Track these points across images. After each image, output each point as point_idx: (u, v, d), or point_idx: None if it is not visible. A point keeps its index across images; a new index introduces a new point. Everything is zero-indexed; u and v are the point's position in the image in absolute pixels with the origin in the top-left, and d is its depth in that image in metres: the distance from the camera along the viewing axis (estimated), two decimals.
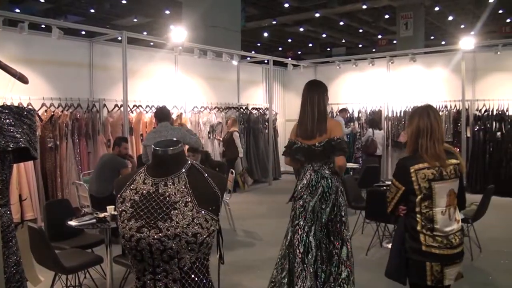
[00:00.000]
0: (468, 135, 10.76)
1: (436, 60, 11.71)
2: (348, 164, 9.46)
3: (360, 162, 11.14)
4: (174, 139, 1.99)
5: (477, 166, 10.49)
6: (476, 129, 10.60)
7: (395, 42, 22.40)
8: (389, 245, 6.17)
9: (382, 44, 24.93)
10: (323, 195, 3.86)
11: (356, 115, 12.43)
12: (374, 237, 6.13)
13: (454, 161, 3.04)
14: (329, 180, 3.89)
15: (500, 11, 22.49)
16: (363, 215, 6.39)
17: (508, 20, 23.36)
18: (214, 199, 1.87)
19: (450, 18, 23.49)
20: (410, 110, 10.83)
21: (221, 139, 10.95)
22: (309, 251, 3.81)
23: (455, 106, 10.95)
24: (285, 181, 12.48)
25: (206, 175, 1.92)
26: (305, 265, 3.79)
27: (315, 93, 4.08)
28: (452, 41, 10.92)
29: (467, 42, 10.38)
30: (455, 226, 3.01)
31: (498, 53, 10.38)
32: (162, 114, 6.14)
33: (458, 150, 10.24)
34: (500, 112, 10.36)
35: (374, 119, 11.65)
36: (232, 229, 7.21)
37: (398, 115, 11.79)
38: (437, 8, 21.54)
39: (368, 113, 12.25)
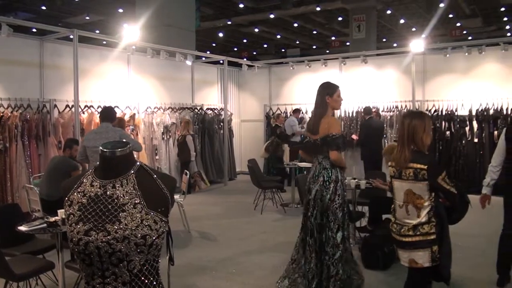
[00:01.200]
0: None
1: (388, 62, 12.03)
2: (302, 163, 9.62)
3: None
4: (124, 140, 1.97)
5: None
6: None
7: (348, 44, 22.80)
8: None
9: (336, 46, 25.33)
10: (323, 183, 4.29)
11: (310, 115, 12.56)
12: None
13: (418, 165, 3.21)
14: (330, 171, 4.31)
15: (450, 15, 23.28)
16: None
17: (458, 24, 24.19)
18: (163, 201, 1.86)
19: (402, 21, 24.13)
20: (361, 110, 11.03)
21: (171, 140, 10.82)
22: (313, 232, 4.30)
23: (406, 106, 11.25)
24: (241, 181, 12.51)
25: (155, 176, 1.91)
26: (310, 247, 4.31)
27: (319, 94, 4.53)
28: (404, 43, 11.26)
29: (417, 44, 10.72)
30: (413, 221, 3.23)
31: (447, 55, 10.77)
32: (105, 114, 6.09)
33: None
34: (449, 112, 10.75)
35: None
36: (187, 231, 7.17)
37: (351, 115, 12.01)
38: (389, 12, 22.07)
39: None
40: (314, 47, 31.53)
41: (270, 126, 12.69)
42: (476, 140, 10.44)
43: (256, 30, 25.24)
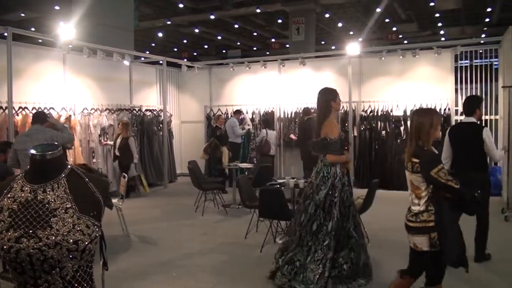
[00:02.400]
0: (355, 134, 11.44)
1: (325, 64, 12.31)
2: (242, 164, 9.68)
3: (255, 162, 11.36)
4: (55, 143, 1.91)
5: (363, 163, 11.21)
6: (362, 129, 11.31)
7: (288, 46, 23.10)
8: (283, 241, 6.38)
9: (276, 48, 25.61)
10: (322, 178, 4.69)
11: (250, 116, 12.63)
12: (268, 234, 6.28)
13: (414, 159, 3.49)
14: (329, 168, 4.71)
15: (387, 20, 24.07)
16: (257, 213, 6.51)
17: (394, 29, 25.05)
18: (95, 204, 1.82)
19: (340, 24, 24.72)
20: (300, 111, 11.22)
21: (110, 142, 10.52)
22: (310, 222, 4.68)
23: (343, 107, 11.51)
24: (182, 183, 12.40)
25: (86, 179, 1.87)
26: (306, 235, 4.70)
27: (324, 99, 4.86)
28: (342, 46, 11.54)
29: (353, 47, 11.02)
30: (415, 209, 3.56)
31: (383, 58, 11.14)
32: (35, 116, 6.02)
33: (346, 148, 10.83)
34: (384, 113, 11.15)
35: (268, 120, 11.96)
36: (126, 235, 7.02)
37: (289, 116, 12.19)
38: (327, 15, 22.56)
39: (261, 114, 12.53)
40: (255, 48, 31.75)
41: (210, 127, 12.67)
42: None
43: (196, 30, 25.14)
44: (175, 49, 31.29)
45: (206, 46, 31.22)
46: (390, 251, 6.05)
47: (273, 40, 27.83)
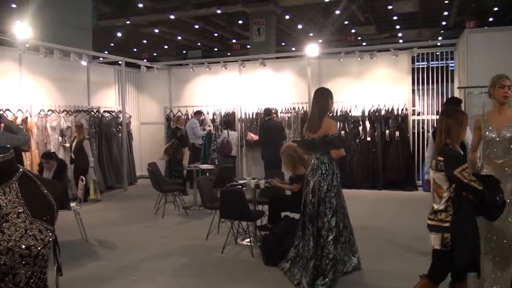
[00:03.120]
0: None
1: (285, 65, 12.40)
2: (203, 165, 9.63)
3: (216, 163, 11.32)
4: (8, 145, 1.85)
5: None
6: None
7: (249, 46, 23.13)
8: (244, 242, 6.40)
9: (237, 49, 25.59)
10: (321, 176, 4.85)
11: (211, 117, 12.58)
12: (229, 235, 6.26)
13: (440, 158, 3.50)
14: (327, 165, 4.89)
15: (346, 22, 24.42)
16: (218, 214, 6.49)
17: (353, 31, 25.43)
18: (48, 208, 1.78)
19: (300, 26, 24.92)
20: (262, 111, 11.25)
21: (68, 145, 10.25)
22: (311, 220, 4.83)
23: (302, 108, 11.67)
24: (142, 185, 12.23)
25: (39, 183, 1.82)
26: (309, 231, 4.85)
27: (323, 98, 5.05)
28: (302, 47, 11.65)
29: (312, 49, 11.14)
30: (435, 207, 3.53)
31: (341, 60, 11.32)
32: None
33: None
34: (343, 113, 11.32)
35: (229, 120, 11.95)
36: (85, 240, 6.86)
37: (250, 116, 12.22)
38: (287, 17, 22.68)
39: (222, 115, 12.50)
40: (216, 49, 31.65)
41: (170, 129, 12.55)
42: (369, 139, 11.08)
43: (156, 30, 24.84)
44: (135, 49, 30.86)
45: (166, 47, 30.90)
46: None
47: (234, 41, 27.82)
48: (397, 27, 26.68)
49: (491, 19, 25.29)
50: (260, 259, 5.66)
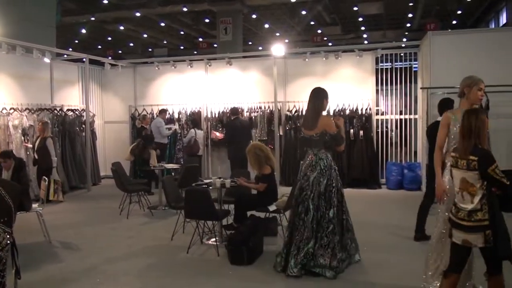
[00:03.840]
0: (281, 133, 11.62)
1: (252, 64, 12.42)
2: (168, 165, 9.56)
3: (182, 162, 11.25)
4: None
5: (289, 161, 11.42)
6: (287, 128, 11.54)
7: (215, 45, 23.08)
8: (210, 241, 6.38)
9: (203, 47, 25.53)
10: (321, 171, 5.12)
11: (176, 116, 12.48)
12: (194, 235, 6.23)
13: (472, 157, 3.62)
14: (325, 161, 5.16)
15: (312, 23, 24.62)
16: (184, 214, 6.44)
17: (319, 31, 25.67)
18: (5, 210, 1.74)
19: (267, 26, 25.00)
20: (228, 110, 11.24)
21: (30, 145, 9.98)
22: (308, 212, 5.09)
23: (269, 107, 11.71)
24: (106, 185, 12.02)
25: None
26: (304, 223, 5.09)
27: (320, 97, 5.34)
28: (269, 47, 11.69)
29: (278, 49, 11.20)
30: (468, 207, 3.61)
31: (306, 60, 11.44)
32: None
33: (272, 147, 11.01)
34: None
35: (196, 119, 11.89)
36: (47, 241, 6.71)
37: (217, 115, 12.19)
38: (254, 16, 22.73)
39: (188, 114, 12.42)
40: (182, 47, 31.45)
41: (135, 128, 12.39)
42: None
43: (122, 28, 24.52)
44: (99, 47, 30.38)
45: (131, 44, 30.53)
46: None
47: (200, 39, 27.70)
48: (362, 28, 27.09)
49: (454, 22, 25.95)
50: (226, 258, 5.66)
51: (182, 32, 27.16)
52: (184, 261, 5.77)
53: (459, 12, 24.13)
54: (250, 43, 28.93)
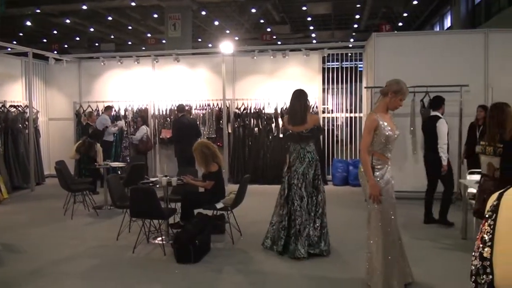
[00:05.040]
0: (230, 131, 11.66)
1: (200, 61, 12.37)
2: (114, 163, 9.40)
3: (128, 160, 11.10)
4: None
5: (238, 159, 11.49)
6: (236, 126, 11.59)
7: (164, 41, 22.82)
8: (156, 241, 6.33)
9: (152, 43, 25.16)
10: (309, 163, 5.79)
11: (122, 113, 12.27)
12: (140, 234, 6.18)
13: (500, 145, 4.40)
14: (312, 154, 5.85)
15: (262, 21, 24.75)
16: (129, 213, 6.36)
17: (268, 30, 25.83)
18: None
19: (216, 23, 24.94)
20: (175, 107, 11.12)
21: None
22: (303, 199, 5.73)
23: (217, 104, 11.72)
24: (50, 185, 11.70)
25: None
26: (301, 208, 5.72)
27: (301, 97, 5.96)
28: (218, 44, 11.69)
29: (227, 46, 11.22)
30: None
31: (255, 58, 11.54)
32: None
33: (220, 145, 11.04)
34: (257, 110, 11.52)
35: (144, 116, 11.76)
36: None
37: (164, 113, 12.07)
38: (204, 13, 22.63)
39: (135, 111, 12.23)
40: (130, 43, 30.94)
41: (81, 125, 12.10)
42: (281, 135, 11.33)
43: (68, 21, 23.84)
44: (44, 40, 29.41)
45: (77, 38, 29.73)
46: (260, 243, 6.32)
47: (148, 35, 27.32)
48: (311, 28, 27.48)
49: (400, 24, 26.76)
50: (172, 257, 5.64)
51: (130, 27, 26.70)
52: (130, 261, 5.71)
53: (405, 14, 24.91)
54: (199, 40, 28.77)
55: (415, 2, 22.17)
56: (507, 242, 1.26)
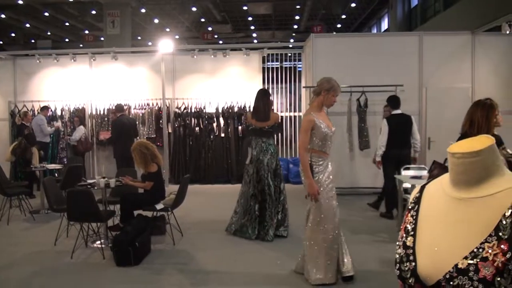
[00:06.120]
0: (170, 131, 11.57)
1: (139, 59, 12.16)
2: (51, 165, 9.12)
3: (65, 162, 10.79)
4: None
5: (178, 159, 11.43)
6: (176, 125, 11.51)
7: (102, 39, 22.28)
8: (95, 244, 6.21)
9: (90, 40, 24.48)
10: (271, 155, 6.52)
11: (59, 113, 11.89)
12: (78, 238, 6.04)
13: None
14: (273, 147, 6.62)
15: (202, 20, 24.62)
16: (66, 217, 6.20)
17: (209, 29, 25.74)
18: None
19: (156, 21, 24.60)
20: (113, 107, 10.87)
21: None
22: (270, 187, 6.44)
23: (157, 104, 11.59)
24: None
25: None
26: (270, 195, 6.43)
27: (265, 97, 6.67)
28: (158, 42, 11.56)
29: (166, 45, 11.14)
30: None
31: (195, 57, 11.49)
32: None
33: (160, 145, 10.95)
34: (198, 110, 11.48)
35: (82, 116, 11.46)
36: None
37: (102, 112, 11.77)
38: (143, 10, 22.27)
39: (71, 111, 11.86)
40: (67, 40, 30.01)
41: (16, 125, 11.60)
42: (223, 135, 11.40)
43: (3, 16, 22.81)
44: None
45: (13, 34, 28.51)
46: (204, 243, 6.40)
47: (86, 32, 26.58)
48: (252, 27, 27.63)
49: (339, 26, 27.40)
50: (112, 261, 5.55)
51: (67, 24, 25.88)
52: (68, 267, 5.56)
53: (343, 16, 25.53)
54: (139, 38, 28.27)
55: (353, 5, 22.78)
56: (428, 232, 1.34)
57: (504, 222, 1.19)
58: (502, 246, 1.16)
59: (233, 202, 6.89)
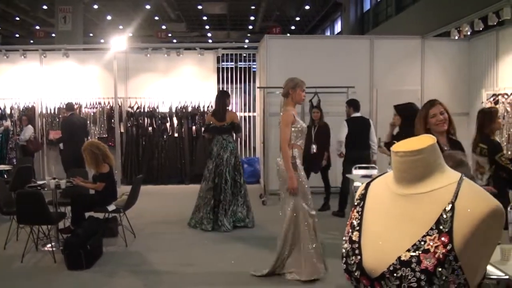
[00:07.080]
0: (122, 130, 11.40)
1: (91, 57, 11.87)
2: None
3: (14, 163, 10.46)
4: None
5: (131, 159, 11.28)
6: (129, 125, 11.36)
7: (53, 35, 21.66)
8: (46, 248, 6.05)
9: (40, 36, 23.63)
10: (231, 151, 7.00)
11: (8, 111, 11.49)
12: (28, 241, 5.87)
13: (484, 146, 4.78)
14: (232, 144, 7.12)
15: (156, 18, 24.33)
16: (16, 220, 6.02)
17: (163, 27, 25.47)
18: None
19: (109, 17, 24.15)
20: (63, 106, 10.54)
21: None
22: (227, 181, 6.90)
23: (109, 103, 11.39)
24: None
25: None
26: (226, 190, 6.90)
27: (223, 97, 7.25)
28: (110, 40, 11.35)
29: (119, 42, 10.98)
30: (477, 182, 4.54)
31: (148, 55, 11.36)
32: None
33: (112, 145, 10.77)
34: (151, 109, 11.38)
35: (31, 115, 11.13)
36: None
37: (52, 111, 11.43)
38: (96, 6, 21.82)
39: (21, 109, 11.47)
40: (17, 35, 29.04)
41: None
42: (176, 135, 11.34)
43: None
44: None
45: None
46: (157, 244, 6.40)
47: (37, 27, 25.78)
48: (207, 27, 27.55)
49: (293, 27, 27.71)
50: (63, 264, 5.43)
51: (17, 18, 25.03)
52: (18, 271, 5.42)
53: (297, 18, 25.83)
54: (91, 35, 27.59)
55: (307, 7, 23.08)
56: (373, 226, 1.41)
57: (444, 216, 1.27)
58: (443, 239, 1.24)
59: (187, 202, 7.21)
